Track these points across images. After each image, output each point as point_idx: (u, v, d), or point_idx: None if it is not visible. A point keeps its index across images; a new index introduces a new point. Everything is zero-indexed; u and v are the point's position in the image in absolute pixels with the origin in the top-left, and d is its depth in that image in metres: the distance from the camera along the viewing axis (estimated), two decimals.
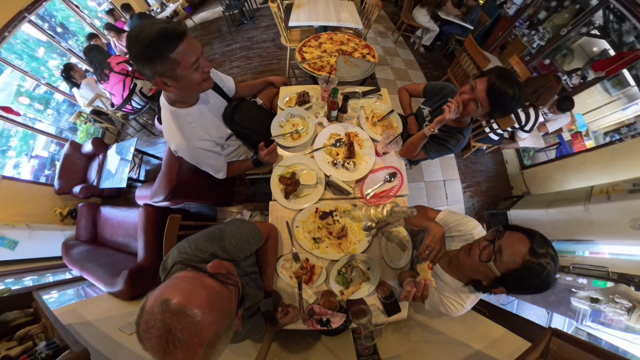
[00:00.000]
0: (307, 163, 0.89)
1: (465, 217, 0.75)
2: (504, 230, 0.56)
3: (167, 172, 1.17)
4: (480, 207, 2.06)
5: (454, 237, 0.75)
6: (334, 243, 0.85)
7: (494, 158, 2.21)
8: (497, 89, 0.70)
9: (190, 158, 0.82)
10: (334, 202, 0.86)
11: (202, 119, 0.79)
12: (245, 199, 1.77)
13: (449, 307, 0.68)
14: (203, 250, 0.52)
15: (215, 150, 0.84)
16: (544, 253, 0.51)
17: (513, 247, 0.53)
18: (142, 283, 1.22)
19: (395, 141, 0.84)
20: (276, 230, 0.84)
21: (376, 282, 0.83)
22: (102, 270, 1.42)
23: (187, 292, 0.35)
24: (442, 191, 1.98)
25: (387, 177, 0.88)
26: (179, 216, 0.93)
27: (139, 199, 1.54)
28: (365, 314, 0.73)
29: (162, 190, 1.16)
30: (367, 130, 0.98)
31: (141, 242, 1.29)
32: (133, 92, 1.88)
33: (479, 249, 0.58)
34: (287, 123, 0.99)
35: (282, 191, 0.86)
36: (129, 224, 1.62)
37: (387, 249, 0.86)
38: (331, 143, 0.92)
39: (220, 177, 0.93)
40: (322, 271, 0.83)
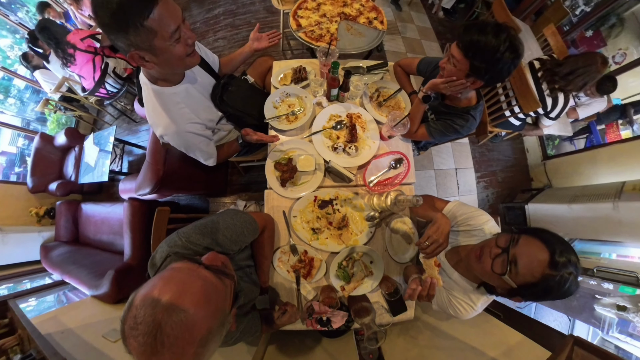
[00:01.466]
0: (304, 148, 0.90)
1: (476, 209, 0.75)
2: (519, 234, 0.54)
3: (152, 162, 1.19)
4: (496, 200, 2.08)
5: (460, 231, 0.75)
6: (334, 234, 0.88)
7: (513, 146, 2.20)
8: (469, 41, 0.62)
9: (179, 144, 0.80)
10: (334, 190, 0.88)
11: (189, 100, 0.77)
12: (240, 188, 1.80)
13: (458, 308, 0.69)
14: (195, 243, 0.53)
15: (206, 134, 0.84)
16: (565, 263, 0.49)
17: (530, 257, 0.51)
18: (130, 283, 1.27)
19: (402, 124, 0.83)
20: (272, 220, 0.87)
21: (380, 277, 0.85)
22: (86, 272, 1.46)
23: (182, 284, 0.36)
24: (454, 180, 2.01)
25: (392, 163, 0.90)
26: (167, 209, 0.97)
27: (124, 193, 1.57)
28: (368, 313, 0.74)
29: (148, 182, 1.19)
30: (371, 111, 0.97)
31: (127, 239, 1.33)
32: (105, 73, 1.80)
33: (491, 256, 0.56)
34: (282, 103, 0.98)
35: (278, 179, 0.87)
36: (113, 221, 1.66)
37: (391, 241, 0.88)
38: (331, 125, 0.92)
39: (211, 164, 0.94)
40: (322, 264, 0.86)
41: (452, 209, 0.79)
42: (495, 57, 0.61)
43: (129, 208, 1.32)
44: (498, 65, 0.63)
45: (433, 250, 0.64)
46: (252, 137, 0.85)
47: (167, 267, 0.40)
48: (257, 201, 1.14)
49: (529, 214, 1.83)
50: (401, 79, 1.04)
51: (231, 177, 1.82)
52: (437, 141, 1.07)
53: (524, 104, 1.33)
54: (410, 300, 0.65)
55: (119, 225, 1.57)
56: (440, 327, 0.94)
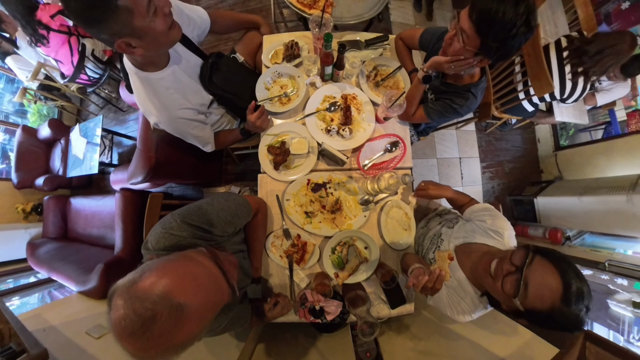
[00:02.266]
0: (297, 130, 0.92)
1: (502, 217, 0.72)
2: (534, 254, 0.54)
3: (144, 149, 1.23)
4: (502, 191, 2.10)
5: (479, 227, 0.73)
6: (328, 218, 0.90)
7: (523, 135, 2.19)
8: (484, 10, 0.56)
9: (174, 131, 0.83)
10: (328, 173, 0.90)
11: (178, 84, 0.78)
12: (235, 177, 1.83)
13: (455, 309, 0.69)
14: (190, 224, 0.54)
15: (198, 119, 0.85)
16: (579, 297, 0.48)
17: (541, 285, 0.50)
18: (120, 277, 1.29)
19: (399, 104, 0.81)
20: (265, 204, 0.90)
21: (375, 264, 0.87)
22: (74, 268, 1.49)
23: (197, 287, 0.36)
24: (457, 170, 2.03)
25: (387, 146, 0.91)
26: (160, 194, 1.00)
27: (115, 184, 1.62)
28: (364, 302, 0.75)
29: (141, 170, 1.23)
30: (368, 91, 0.96)
31: (119, 231, 1.36)
32: (84, 55, 1.70)
33: (503, 273, 0.55)
34: (274, 84, 0.98)
35: (272, 162, 0.90)
36: (104, 214, 1.70)
37: (386, 227, 0.90)
38: (325, 107, 0.93)
39: (209, 150, 0.96)
40: (315, 249, 0.89)
41: (485, 207, 0.76)
42: (511, 33, 0.56)
43: (120, 198, 1.36)
44: (511, 41, 0.57)
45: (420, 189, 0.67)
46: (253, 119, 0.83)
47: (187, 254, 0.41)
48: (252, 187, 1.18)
49: (538, 208, 1.84)
50: (402, 54, 0.98)
51: (226, 166, 1.84)
52: (436, 123, 1.02)
53: (535, 85, 1.25)
54: (414, 290, 0.63)
55: (109, 218, 1.61)
56: (444, 322, 0.94)
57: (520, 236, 1.95)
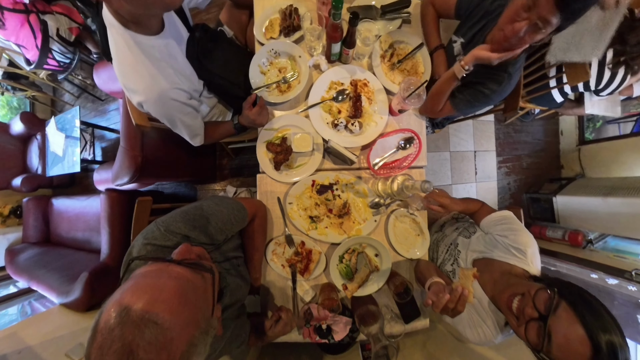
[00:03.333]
0: (300, 124, 0.88)
1: (525, 230, 0.70)
2: (559, 297, 0.51)
3: (128, 147, 1.19)
4: (518, 188, 2.08)
5: (499, 242, 0.71)
6: (335, 223, 0.88)
7: (545, 127, 2.15)
8: None
9: (162, 114, 0.72)
10: (335, 173, 0.88)
11: (171, 60, 0.68)
12: (230, 173, 1.82)
13: (476, 331, 0.67)
14: (175, 232, 0.53)
15: (192, 104, 0.77)
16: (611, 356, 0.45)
17: (567, 343, 0.47)
18: (106, 286, 1.27)
19: (417, 94, 0.74)
20: (264, 207, 0.87)
21: (387, 273, 0.85)
22: (57, 276, 1.47)
23: (150, 289, 0.34)
24: (471, 164, 2.01)
25: (401, 143, 0.88)
26: (149, 199, 0.97)
27: (99, 184, 1.58)
28: (376, 319, 0.72)
29: (126, 170, 1.20)
30: (382, 76, 0.87)
31: (105, 235, 1.35)
32: (47, 36, 1.58)
33: (525, 316, 0.53)
34: (271, 67, 0.88)
35: (271, 161, 0.87)
36: (89, 215, 1.67)
37: (394, 233, 0.88)
38: (331, 97, 0.87)
39: (197, 143, 0.88)
40: (321, 257, 0.87)
41: (503, 217, 0.73)
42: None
43: (106, 200, 1.33)
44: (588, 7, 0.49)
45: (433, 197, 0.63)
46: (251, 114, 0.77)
47: (132, 275, 0.38)
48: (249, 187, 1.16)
49: (557, 207, 1.82)
50: (429, 25, 0.86)
51: (220, 160, 1.82)
52: (462, 114, 0.90)
53: (570, 73, 1.17)
54: (434, 309, 0.58)
55: (95, 220, 1.59)
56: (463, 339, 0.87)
57: (538, 238, 1.92)
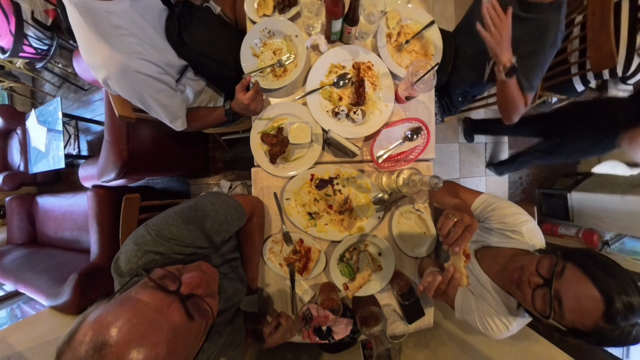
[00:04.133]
0: (297, 113, 0.85)
1: (512, 205, 0.70)
2: (565, 261, 0.52)
3: (113, 141, 1.18)
4: (530, 184, 2.07)
5: (492, 229, 0.72)
6: (335, 219, 0.87)
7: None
8: None
9: (130, 91, 0.69)
10: (335, 166, 0.86)
11: (134, 27, 0.65)
12: (224, 166, 1.82)
13: (489, 324, 0.67)
14: (167, 237, 0.51)
15: (165, 80, 0.72)
16: (627, 313, 0.45)
17: (578, 303, 0.48)
18: (96, 288, 1.28)
19: (427, 79, 0.72)
20: (262, 204, 0.86)
21: (390, 273, 0.85)
22: (45, 278, 1.49)
23: (140, 335, 0.33)
24: (481, 157, 1.99)
25: (407, 133, 0.86)
26: (137, 196, 0.97)
27: (86, 180, 1.58)
28: (378, 321, 0.73)
29: (112, 166, 1.19)
30: (388, 58, 0.84)
31: (94, 234, 1.36)
32: (22, 20, 1.54)
33: (530, 285, 0.54)
34: (265, 48, 0.84)
35: (267, 154, 0.85)
36: (77, 214, 1.68)
37: (399, 231, 0.87)
38: (332, 81, 0.84)
39: (179, 127, 0.84)
40: (321, 256, 0.86)
41: (483, 202, 0.74)
42: None
43: (93, 198, 1.34)
44: None
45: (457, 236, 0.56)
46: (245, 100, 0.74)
47: (127, 296, 0.37)
48: (245, 181, 1.15)
49: (572, 204, 1.81)
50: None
51: (213, 153, 1.81)
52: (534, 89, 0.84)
53: (594, 57, 1.10)
54: (427, 294, 0.61)
55: (84, 219, 1.60)
56: (467, 340, 0.93)
57: (549, 235, 1.93)
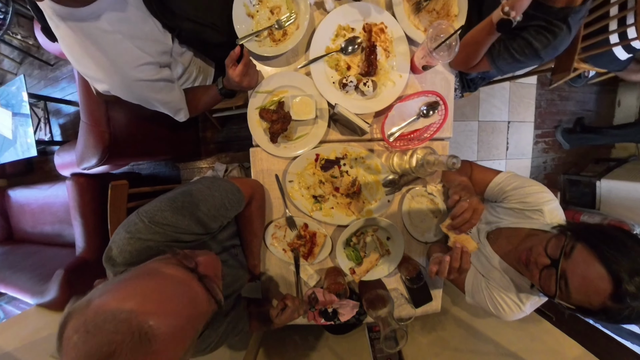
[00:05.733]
0: (300, 85, 0.83)
1: (536, 183, 0.72)
2: (574, 241, 0.53)
3: (91, 122, 1.16)
4: (555, 168, 2.07)
5: (509, 208, 0.73)
6: (342, 203, 0.89)
7: (599, 94, 2.07)
8: None
9: (133, 98, 0.76)
10: (342, 145, 0.86)
11: (126, 26, 0.67)
12: (217, 148, 1.82)
13: (500, 306, 0.70)
14: (161, 223, 0.53)
15: (164, 76, 0.76)
16: (637, 293, 0.47)
17: (584, 282, 0.51)
18: (85, 283, 1.34)
19: (448, 44, 0.68)
20: (262, 188, 0.88)
21: (399, 258, 0.89)
22: (28, 276, 1.53)
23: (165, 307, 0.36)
24: (503, 137, 1.98)
25: (423, 109, 0.85)
26: (124, 182, 0.97)
27: (63, 169, 1.58)
28: (385, 303, 0.78)
29: (92, 151, 1.18)
30: (404, 19, 0.81)
31: (78, 226, 1.38)
32: None
33: (538, 266, 0.56)
34: (261, 6, 0.80)
35: (266, 132, 0.85)
36: (57, 206, 1.69)
37: (409, 214, 0.90)
38: (339, 47, 0.81)
39: (182, 118, 0.87)
40: (326, 241, 0.90)
41: (503, 181, 0.76)
42: None
43: (73, 187, 1.34)
44: None
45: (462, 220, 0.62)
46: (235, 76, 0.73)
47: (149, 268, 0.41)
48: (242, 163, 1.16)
49: (600, 192, 1.81)
50: None
51: (204, 133, 1.80)
52: (500, 73, 0.88)
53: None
54: (439, 276, 0.65)
55: (64, 211, 1.62)
56: (475, 326, 0.99)
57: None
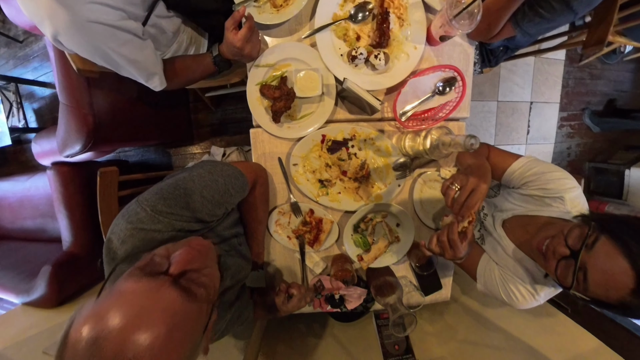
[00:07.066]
0: (304, 58, 0.82)
1: (558, 169, 0.72)
2: (599, 232, 0.55)
3: (72, 104, 1.14)
4: (580, 155, 2.07)
5: (528, 195, 0.74)
6: (350, 187, 0.91)
7: (637, 73, 2.02)
8: None
9: (87, 48, 0.67)
10: (350, 125, 0.86)
11: None
12: (211, 131, 1.81)
13: (513, 293, 0.72)
14: (164, 212, 0.54)
15: (129, 27, 0.68)
16: None
17: (605, 277, 0.52)
18: (74, 278, 1.34)
19: (470, 12, 0.66)
20: (265, 172, 0.89)
21: (408, 245, 0.92)
22: (11, 274, 1.54)
23: (133, 323, 0.35)
24: (524, 120, 1.96)
25: (438, 86, 0.85)
26: (114, 169, 0.97)
27: (42, 157, 1.57)
28: (394, 290, 0.81)
29: (75, 136, 1.17)
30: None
31: (64, 220, 1.39)
32: None
33: (555, 256, 0.58)
34: None
35: (268, 110, 0.84)
36: (37, 198, 1.69)
37: (421, 200, 0.92)
38: (347, 14, 0.79)
39: (157, 86, 0.82)
40: (333, 227, 0.92)
41: (522, 166, 0.76)
42: None
43: (55, 177, 1.33)
44: None
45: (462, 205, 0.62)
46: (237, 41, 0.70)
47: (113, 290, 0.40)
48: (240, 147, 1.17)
49: (629, 182, 1.81)
50: None
51: (196, 114, 1.78)
52: (527, 37, 0.84)
53: None
54: (436, 253, 0.67)
55: (47, 203, 1.61)
56: (486, 315, 1.03)
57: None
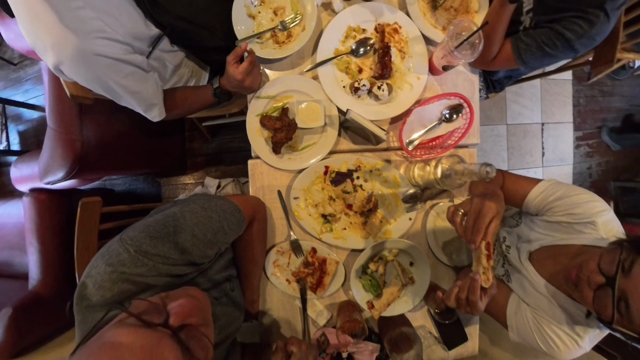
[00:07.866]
0: (306, 90, 0.87)
1: (583, 191, 0.70)
2: (635, 254, 0.53)
3: (61, 129, 1.16)
4: (603, 174, 2.08)
5: (557, 222, 0.72)
6: (356, 222, 0.89)
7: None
8: None
9: (90, 79, 0.70)
10: (355, 156, 0.88)
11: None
12: (206, 161, 1.82)
13: (552, 340, 0.67)
14: (150, 253, 0.51)
15: (133, 61, 0.73)
16: None
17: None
18: (38, 325, 1.23)
19: (471, 43, 0.72)
20: (264, 207, 0.88)
21: (425, 287, 0.88)
22: None
23: None
24: (537, 141, 1.99)
25: (445, 113, 0.88)
26: (97, 199, 0.94)
27: (20, 183, 1.56)
28: (412, 344, 0.76)
29: (60, 162, 1.17)
30: (419, 18, 0.87)
31: (34, 254, 1.32)
32: None
33: (591, 286, 0.55)
34: (263, 7, 0.86)
35: (268, 141, 0.86)
36: (8, 228, 1.63)
37: (435, 234, 0.90)
38: (349, 49, 0.86)
39: (156, 117, 0.85)
40: (339, 268, 0.89)
41: (543, 191, 0.74)
42: None
43: (32, 205, 1.30)
44: None
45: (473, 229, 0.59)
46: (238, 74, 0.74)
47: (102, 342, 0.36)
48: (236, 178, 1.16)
49: None
50: None
51: (191, 144, 1.80)
52: (528, 69, 0.92)
53: None
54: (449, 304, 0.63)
55: (17, 234, 1.55)
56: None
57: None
